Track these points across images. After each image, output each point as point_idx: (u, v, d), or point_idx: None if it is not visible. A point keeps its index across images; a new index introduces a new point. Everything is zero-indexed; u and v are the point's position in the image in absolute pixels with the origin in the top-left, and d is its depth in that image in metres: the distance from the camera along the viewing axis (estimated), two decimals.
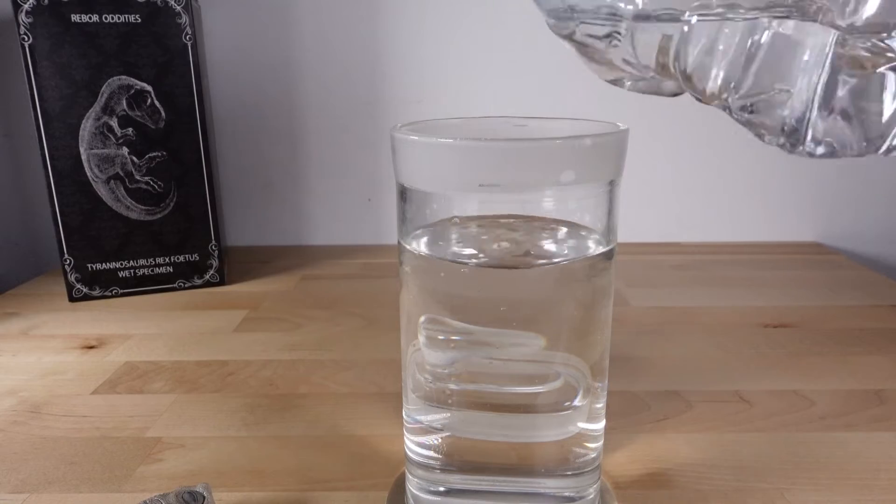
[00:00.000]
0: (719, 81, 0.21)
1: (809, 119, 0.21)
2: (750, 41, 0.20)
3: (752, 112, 0.21)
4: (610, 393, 0.27)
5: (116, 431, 0.36)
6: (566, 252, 0.25)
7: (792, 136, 0.21)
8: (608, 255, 0.25)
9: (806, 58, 0.21)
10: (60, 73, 0.51)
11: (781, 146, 0.22)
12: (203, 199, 0.57)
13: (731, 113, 0.22)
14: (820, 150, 0.22)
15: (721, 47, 0.20)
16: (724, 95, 0.20)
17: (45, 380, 0.42)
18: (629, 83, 0.25)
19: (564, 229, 0.25)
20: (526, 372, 0.25)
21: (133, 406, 0.38)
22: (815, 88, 0.20)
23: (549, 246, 0.25)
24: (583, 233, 0.25)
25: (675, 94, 0.26)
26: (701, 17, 0.20)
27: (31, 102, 0.51)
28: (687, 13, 0.21)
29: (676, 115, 0.68)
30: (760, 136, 0.23)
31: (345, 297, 0.56)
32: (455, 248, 0.25)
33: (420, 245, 0.25)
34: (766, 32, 0.20)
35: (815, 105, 0.21)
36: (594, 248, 0.24)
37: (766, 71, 0.21)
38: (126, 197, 0.55)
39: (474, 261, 0.25)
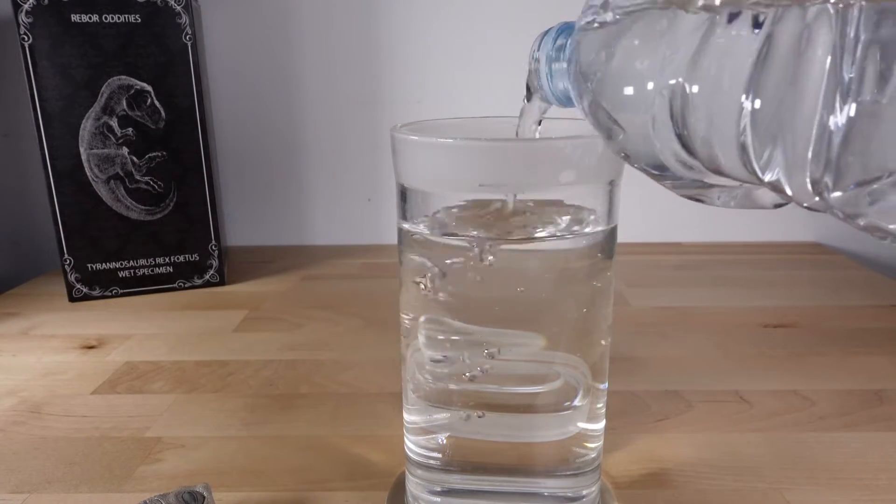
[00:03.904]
0: (803, 172, 0.13)
1: None
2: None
3: (873, 203, 0.12)
4: (610, 393, 0.27)
5: (116, 431, 0.36)
6: (564, 228, 0.24)
7: None
8: (608, 255, 0.25)
9: None
10: (60, 73, 0.51)
11: None
12: (203, 199, 0.57)
13: (845, 218, 0.13)
14: None
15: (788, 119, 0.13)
16: (822, 190, 0.13)
17: (45, 380, 0.42)
18: (719, 199, 0.18)
19: (567, 217, 0.24)
20: (526, 372, 0.25)
21: (133, 406, 0.38)
22: None
23: (550, 227, 0.24)
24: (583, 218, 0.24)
25: (780, 205, 0.18)
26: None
27: (31, 102, 0.51)
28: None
29: None
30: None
31: (345, 297, 0.56)
32: (454, 230, 0.24)
33: (420, 228, 0.24)
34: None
35: None
36: (593, 231, 0.24)
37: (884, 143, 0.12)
38: (126, 197, 0.55)
39: (474, 234, 0.24)
